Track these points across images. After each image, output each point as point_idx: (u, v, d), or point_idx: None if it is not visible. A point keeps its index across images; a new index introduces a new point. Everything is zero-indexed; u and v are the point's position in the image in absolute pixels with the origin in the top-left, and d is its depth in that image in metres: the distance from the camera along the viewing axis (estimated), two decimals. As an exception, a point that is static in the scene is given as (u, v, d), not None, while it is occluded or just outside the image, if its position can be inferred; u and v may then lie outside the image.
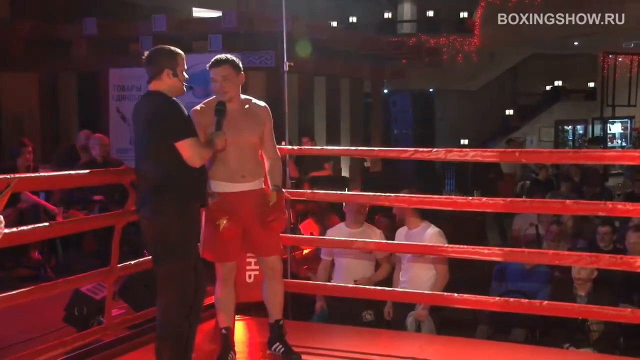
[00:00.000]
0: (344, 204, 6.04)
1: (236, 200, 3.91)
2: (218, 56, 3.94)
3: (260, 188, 4.04)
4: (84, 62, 10.75)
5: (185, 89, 3.67)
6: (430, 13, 22.08)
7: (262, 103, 4.07)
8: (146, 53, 3.66)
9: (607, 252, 5.87)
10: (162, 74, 3.57)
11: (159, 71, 3.58)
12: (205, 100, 3.98)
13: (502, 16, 17.92)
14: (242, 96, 4.01)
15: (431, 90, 19.18)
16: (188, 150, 3.49)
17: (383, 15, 22.28)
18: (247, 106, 4.00)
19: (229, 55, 3.94)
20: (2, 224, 2.75)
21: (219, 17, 10.36)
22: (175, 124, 3.50)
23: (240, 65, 3.95)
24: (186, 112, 3.58)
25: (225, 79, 3.87)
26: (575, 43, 19.78)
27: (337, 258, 5.81)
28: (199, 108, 3.93)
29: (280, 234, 4.26)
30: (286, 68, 5.14)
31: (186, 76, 3.66)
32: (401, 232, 5.78)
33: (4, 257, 6.90)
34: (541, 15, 17.41)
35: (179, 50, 3.65)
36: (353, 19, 21.56)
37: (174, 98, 3.58)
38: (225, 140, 3.74)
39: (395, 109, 15.90)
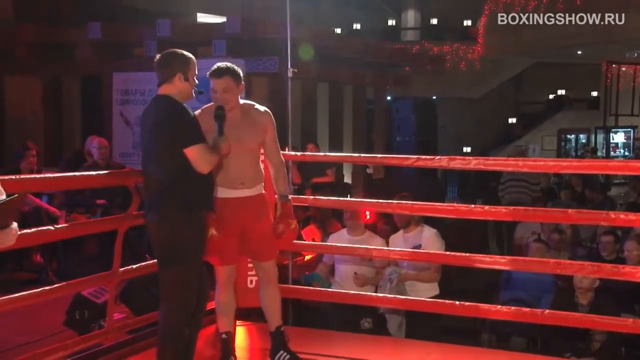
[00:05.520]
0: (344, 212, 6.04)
1: (234, 206, 3.91)
2: (218, 65, 3.87)
3: (259, 194, 4.01)
4: (88, 65, 10.78)
5: (194, 94, 3.67)
6: (434, 21, 22.15)
7: (263, 108, 4.02)
8: (158, 56, 3.64)
9: (609, 261, 5.85)
10: (174, 77, 3.56)
11: (171, 74, 3.56)
12: (204, 107, 3.94)
13: (502, 16, 18.00)
14: (242, 101, 3.97)
15: (434, 97, 19.20)
16: (196, 156, 3.48)
17: (387, 22, 22.35)
18: (247, 112, 3.95)
19: (229, 65, 3.88)
20: (14, 231, 2.77)
21: (223, 23, 10.38)
22: (184, 130, 3.49)
23: (241, 74, 3.89)
24: (195, 118, 3.57)
25: (225, 91, 3.82)
26: (579, 52, 19.80)
27: (338, 265, 5.81)
28: (197, 113, 3.84)
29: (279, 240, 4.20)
30: (290, 74, 5.14)
31: (196, 82, 3.65)
32: (396, 237, 5.79)
33: (5, 260, 6.91)
34: (541, 15, 17.48)
35: (192, 56, 3.64)
36: (357, 26, 21.63)
37: (184, 104, 3.57)
38: (230, 145, 3.72)
39: (398, 116, 15.88)
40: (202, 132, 3.60)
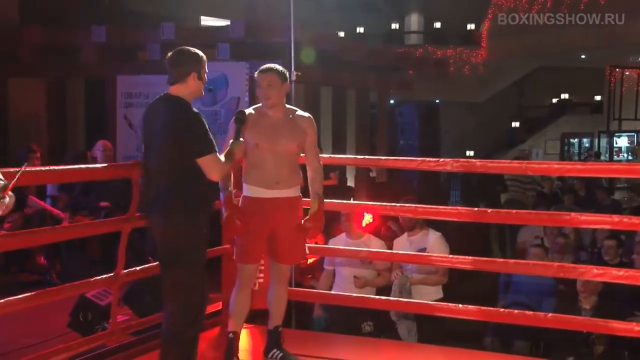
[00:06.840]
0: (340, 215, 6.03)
1: (268, 206, 3.95)
2: (267, 64, 4.04)
3: (296, 196, 4.06)
4: (92, 68, 10.79)
5: (203, 91, 3.68)
6: (438, 25, 22.16)
7: (306, 114, 4.12)
8: (170, 54, 3.61)
9: (612, 265, 5.85)
10: (189, 77, 3.55)
11: (185, 74, 3.55)
12: (255, 106, 4.06)
13: (502, 16, 18.03)
14: (288, 106, 4.08)
15: (437, 101, 19.19)
16: (209, 166, 3.49)
17: (390, 26, 22.35)
18: (290, 116, 4.05)
19: (277, 65, 4.02)
20: (13, 199, 2.73)
21: (226, 26, 10.39)
22: (199, 140, 3.47)
23: (287, 75, 4.04)
24: (206, 124, 3.56)
25: (270, 86, 3.95)
26: (582, 56, 19.78)
27: (338, 268, 5.81)
28: (248, 112, 3.98)
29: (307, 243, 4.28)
30: (293, 78, 5.17)
31: (205, 78, 3.67)
32: (400, 240, 5.80)
33: (8, 261, 6.92)
34: (541, 15, 17.50)
35: (202, 54, 3.64)
36: (360, 30, 21.65)
37: (195, 110, 3.56)
38: (245, 150, 3.76)
39: (401, 120, 15.87)
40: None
